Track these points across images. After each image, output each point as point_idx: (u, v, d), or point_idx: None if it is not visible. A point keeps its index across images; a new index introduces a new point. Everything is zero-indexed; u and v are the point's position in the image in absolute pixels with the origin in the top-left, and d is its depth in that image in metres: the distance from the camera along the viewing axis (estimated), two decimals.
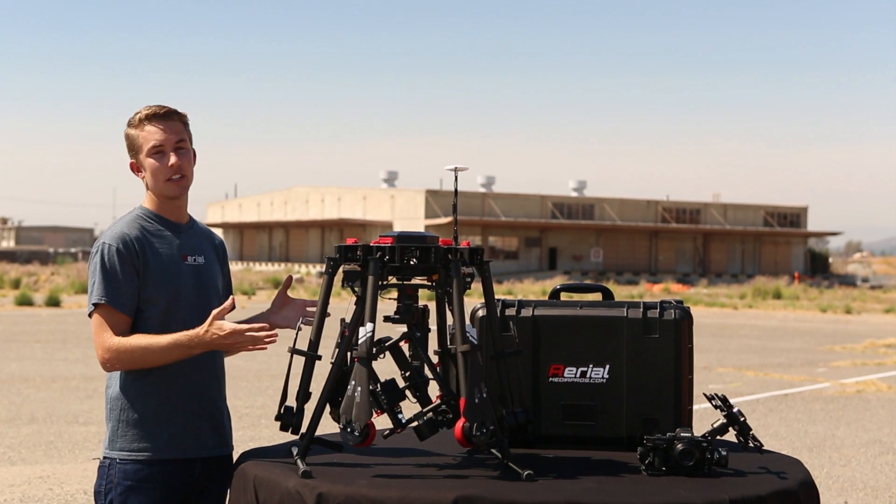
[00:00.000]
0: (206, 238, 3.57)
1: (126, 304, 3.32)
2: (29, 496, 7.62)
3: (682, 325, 3.41)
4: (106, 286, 3.30)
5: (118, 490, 3.34)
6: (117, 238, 3.34)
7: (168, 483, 3.37)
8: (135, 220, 3.42)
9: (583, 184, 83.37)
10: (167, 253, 3.39)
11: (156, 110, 3.39)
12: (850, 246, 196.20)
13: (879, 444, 10.67)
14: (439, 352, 3.29)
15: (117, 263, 3.31)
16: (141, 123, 3.39)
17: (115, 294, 3.31)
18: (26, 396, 12.56)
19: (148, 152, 3.39)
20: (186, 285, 3.40)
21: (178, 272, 3.40)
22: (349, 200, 79.82)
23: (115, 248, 3.32)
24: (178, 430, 3.38)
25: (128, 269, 3.32)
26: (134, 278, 3.33)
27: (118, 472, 3.35)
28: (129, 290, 3.32)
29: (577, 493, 2.84)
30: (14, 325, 23.36)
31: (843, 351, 21.10)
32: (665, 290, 50.20)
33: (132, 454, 3.35)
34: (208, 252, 3.52)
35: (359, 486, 2.81)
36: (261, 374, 14.82)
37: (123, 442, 3.36)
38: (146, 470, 3.34)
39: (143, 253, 3.34)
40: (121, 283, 3.31)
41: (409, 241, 3.11)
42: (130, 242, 3.34)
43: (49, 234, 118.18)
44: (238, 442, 3.79)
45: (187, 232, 3.49)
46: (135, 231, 3.37)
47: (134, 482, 3.34)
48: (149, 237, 3.39)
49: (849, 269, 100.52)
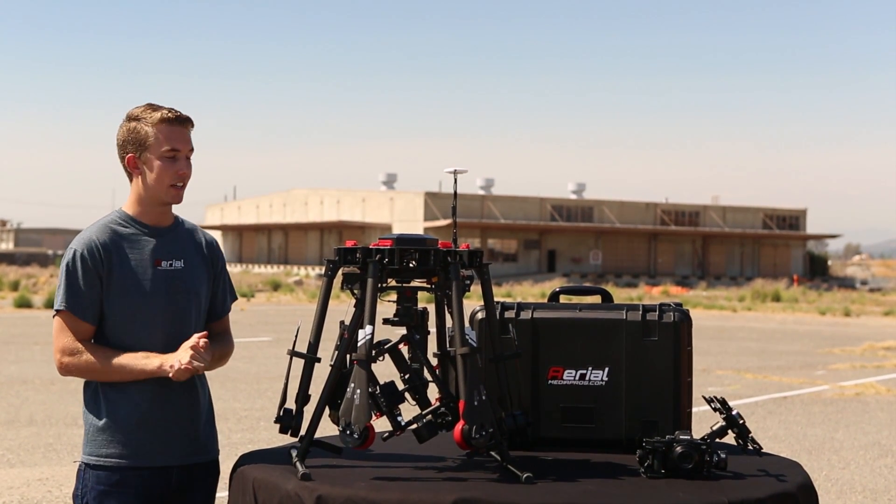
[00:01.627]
0: (191, 240, 3.48)
1: (87, 311, 3.31)
2: (28, 498, 7.62)
3: (681, 327, 3.42)
4: (67, 293, 3.31)
5: (92, 494, 3.32)
6: (84, 244, 3.33)
7: (143, 489, 3.33)
8: (107, 224, 3.38)
9: (582, 186, 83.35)
10: (137, 259, 3.35)
11: (177, 114, 3.36)
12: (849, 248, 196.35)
13: (878, 446, 10.67)
14: (438, 354, 3.29)
15: (80, 270, 3.30)
16: (159, 122, 3.34)
17: (76, 301, 3.31)
18: (25, 399, 12.56)
19: (161, 154, 3.34)
20: (156, 291, 3.35)
21: (147, 278, 3.34)
22: (348, 203, 79.80)
23: (81, 253, 3.31)
24: (148, 438, 3.33)
25: (90, 277, 3.31)
26: (96, 285, 3.31)
27: (92, 477, 3.33)
28: (91, 298, 3.31)
29: (577, 495, 2.84)
30: (13, 328, 23.34)
31: (842, 354, 21.10)
32: (664, 293, 50.19)
33: (101, 459, 3.32)
34: (190, 255, 3.44)
35: (358, 488, 2.81)
36: (260, 376, 14.82)
37: (93, 447, 3.34)
38: (118, 475, 3.31)
39: (107, 260, 3.31)
40: (82, 291, 3.30)
41: (408, 243, 3.11)
42: (96, 249, 3.31)
43: (48, 236, 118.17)
44: (237, 444, 3.79)
45: (167, 235, 3.42)
46: (104, 237, 3.34)
47: (107, 487, 3.31)
48: (119, 242, 3.35)
49: (848, 271, 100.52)
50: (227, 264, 3.69)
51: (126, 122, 3.39)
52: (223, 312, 3.55)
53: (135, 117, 3.37)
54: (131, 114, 3.39)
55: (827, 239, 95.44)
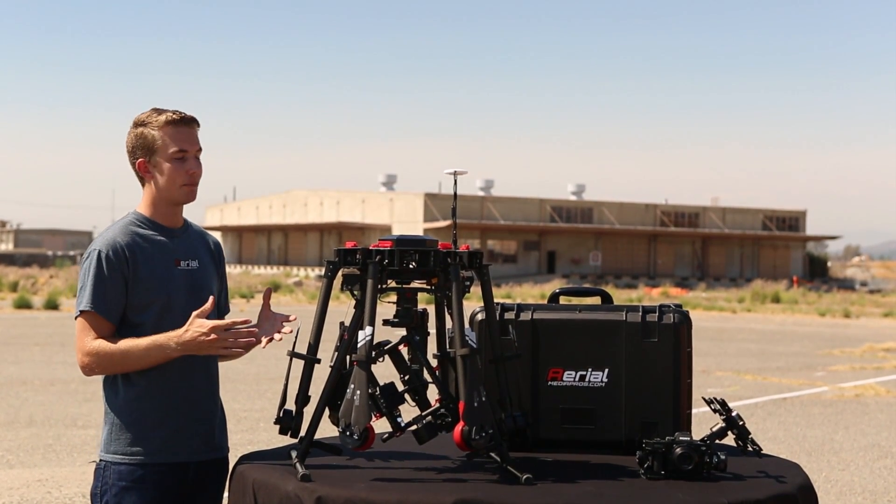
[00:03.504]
0: (201, 241, 3.56)
1: (111, 311, 3.34)
2: (27, 499, 7.62)
3: (681, 328, 3.42)
4: (93, 293, 3.33)
5: (113, 491, 3.36)
6: (108, 245, 3.35)
7: (162, 484, 3.38)
8: (127, 225, 3.42)
9: (581, 187, 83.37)
10: (159, 258, 3.39)
11: (182, 115, 3.41)
12: (848, 250, 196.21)
13: (878, 448, 10.67)
14: (438, 355, 3.29)
15: (105, 270, 3.33)
16: (165, 125, 3.38)
17: (101, 301, 3.33)
18: (25, 399, 12.56)
19: (170, 156, 3.38)
20: (179, 290, 3.40)
21: (170, 277, 3.40)
22: (348, 204, 79.82)
23: (106, 254, 3.34)
24: (170, 434, 3.39)
25: (116, 277, 3.33)
26: (121, 286, 3.34)
27: (113, 474, 3.37)
28: (116, 298, 3.34)
29: (576, 496, 2.85)
30: (13, 328, 23.35)
31: (841, 355, 21.10)
32: (664, 294, 50.19)
33: (125, 457, 3.37)
34: (203, 255, 3.52)
35: (358, 489, 2.82)
36: (259, 377, 14.82)
37: (117, 445, 3.39)
38: (140, 471, 3.36)
39: (133, 260, 3.35)
40: (108, 291, 3.33)
41: (408, 244, 3.12)
42: (121, 249, 3.34)
43: (48, 236, 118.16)
44: (237, 445, 3.79)
45: (181, 236, 3.49)
46: (126, 237, 3.38)
47: (128, 483, 3.36)
48: (141, 243, 3.39)
49: (847, 272, 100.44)
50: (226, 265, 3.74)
51: (133, 128, 3.44)
52: (226, 311, 3.64)
53: (141, 122, 3.42)
54: (137, 119, 3.43)
55: (827, 240, 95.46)
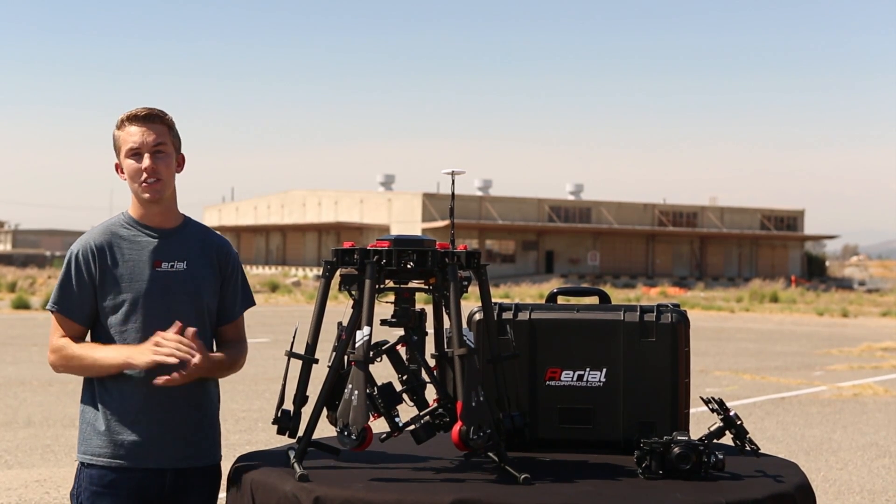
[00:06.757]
0: (199, 242, 3.45)
1: (76, 311, 3.35)
2: (26, 500, 7.61)
3: (679, 328, 3.42)
4: (59, 293, 3.37)
5: (86, 494, 3.33)
6: (81, 246, 3.37)
7: (136, 490, 3.32)
8: (110, 226, 3.40)
9: (580, 187, 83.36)
10: (134, 260, 3.35)
11: (137, 111, 3.35)
12: (846, 249, 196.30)
13: (876, 447, 10.68)
14: (436, 355, 3.29)
15: (73, 271, 3.35)
16: (123, 124, 3.36)
17: (66, 302, 3.36)
18: (23, 400, 12.56)
19: (126, 154, 3.35)
20: (151, 292, 3.33)
21: (143, 279, 3.34)
22: (346, 204, 79.80)
23: (76, 256, 3.36)
24: (140, 440, 3.32)
25: (82, 278, 3.34)
26: (88, 287, 3.34)
27: (86, 477, 3.34)
28: (82, 299, 3.35)
29: (574, 496, 2.85)
30: (11, 329, 23.33)
31: (839, 354, 21.11)
32: (662, 294, 50.21)
33: (94, 458, 3.33)
34: (195, 257, 3.41)
35: (356, 489, 2.82)
36: (257, 377, 14.81)
37: (88, 446, 3.35)
38: (111, 475, 3.31)
39: (101, 261, 3.33)
40: (72, 291, 3.35)
41: (405, 244, 3.12)
42: (91, 251, 3.34)
43: (46, 237, 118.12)
44: (235, 445, 3.78)
45: (171, 237, 3.40)
46: (103, 238, 3.36)
47: (99, 487, 3.31)
48: (118, 243, 3.36)
49: (845, 272, 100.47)
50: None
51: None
52: (232, 317, 3.51)
53: (115, 125, 3.41)
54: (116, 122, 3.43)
55: (825, 240, 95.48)
